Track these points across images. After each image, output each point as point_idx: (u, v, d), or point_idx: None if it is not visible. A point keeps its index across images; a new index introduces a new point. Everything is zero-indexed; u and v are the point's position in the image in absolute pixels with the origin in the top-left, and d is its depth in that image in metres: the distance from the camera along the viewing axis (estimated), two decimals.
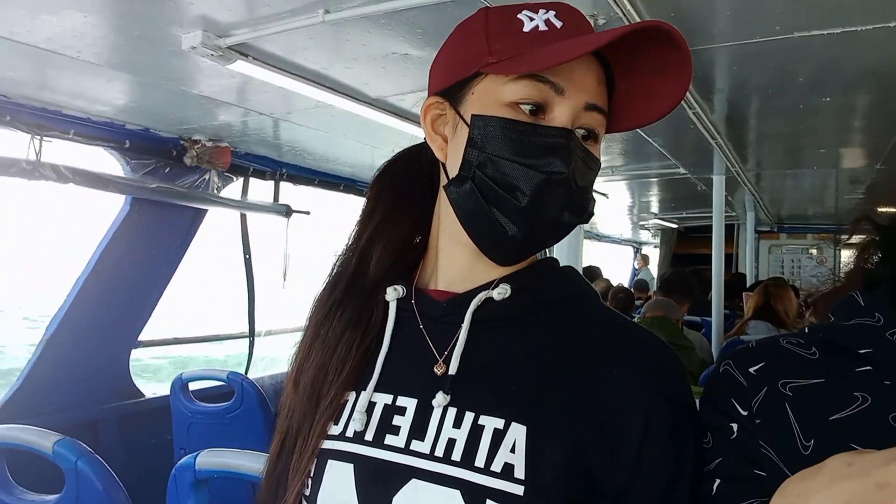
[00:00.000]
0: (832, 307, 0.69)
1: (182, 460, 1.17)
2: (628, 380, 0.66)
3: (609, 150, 3.46)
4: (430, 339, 0.72)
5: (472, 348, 0.69)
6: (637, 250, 10.36)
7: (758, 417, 0.64)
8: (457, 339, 0.69)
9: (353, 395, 0.72)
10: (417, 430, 0.66)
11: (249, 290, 3.69)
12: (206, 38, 1.67)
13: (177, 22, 1.63)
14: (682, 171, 3.91)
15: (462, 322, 0.70)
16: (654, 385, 0.66)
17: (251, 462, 1.14)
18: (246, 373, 3.55)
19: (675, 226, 8.07)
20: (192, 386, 2.79)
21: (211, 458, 1.17)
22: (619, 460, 0.63)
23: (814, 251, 7.44)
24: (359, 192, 4.00)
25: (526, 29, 0.68)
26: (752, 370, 0.67)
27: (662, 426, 0.64)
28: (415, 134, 2.57)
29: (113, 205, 2.79)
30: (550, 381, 0.66)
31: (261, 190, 3.48)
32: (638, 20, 1.56)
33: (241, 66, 1.87)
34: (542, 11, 0.69)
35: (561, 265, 0.78)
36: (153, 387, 3.28)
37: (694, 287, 3.98)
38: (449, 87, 0.72)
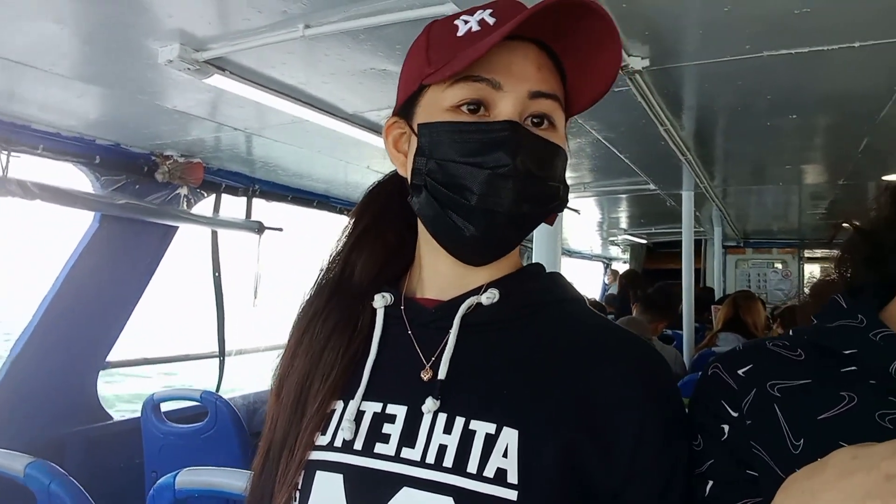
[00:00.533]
0: (815, 311, 0.70)
1: (161, 479, 1.14)
2: (620, 382, 0.66)
3: (579, 167, 3.51)
4: (418, 345, 0.72)
5: (461, 353, 0.69)
6: (607, 266, 10.47)
7: (748, 418, 0.65)
8: (445, 344, 0.69)
9: (340, 405, 0.71)
10: (408, 438, 0.66)
11: (219, 309, 3.63)
12: (184, 51, 1.66)
13: (154, 34, 1.62)
14: (651, 186, 3.98)
15: (451, 327, 0.70)
16: (646, 387, 0.67)
17: (232, 479, 1.12)
18: (216, 392, 3.49)
19: (643, 241, 8.20)
20: (164, 407, 2.73)
21: (191, 477, 1.14)
22: (614, 462, 0.63)
23: (779, 265, 7.63)
24: (332, 209, 3.98)
25: (460, 33, 0.69)
26: (740, 372, 0.68)
27: (656, 427, 0.65)
28: None
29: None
30: (541, 384, 0.66)
31: (233, 206, 3.45)
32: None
33: (218, 81, 1.86)
34: (479, 12, 0.69)
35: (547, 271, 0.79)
36: None
37: (676, 305, 3.99)
38: (402, 104, 0.74)
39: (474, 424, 0.64)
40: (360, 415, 0.69)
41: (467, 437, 0.64)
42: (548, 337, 0.71)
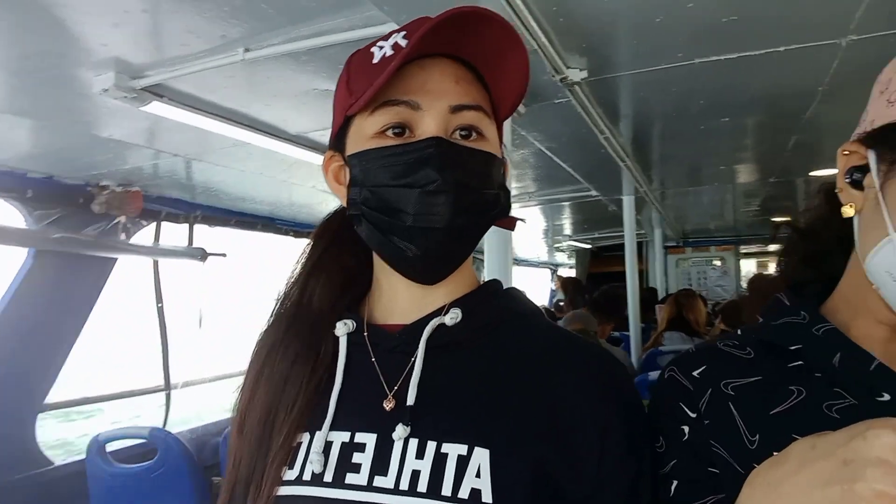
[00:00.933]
0: (762, 309, 0.74)
1: None
2: (581, 391, 0.67)
3: (523, 177, 3.56)
4: (381, 371, 0.71)
5: (428, 376, 0.69)
6: (554, 272, 10.61)
7: (706, 418, 0.67)
8: (411, 368, 0.69)
9: (306, 437, 0.69)
10: (380, 466, 0.65)
11: (163, 341, 3.51)
12: (120, 79, 1.61)
13: (87, 64, 1.57)
14: (593, 193, 4.07)
15: (416, 351, 0.70)
16: (607, 394, 0.68)
17: None
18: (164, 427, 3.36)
19: (588, 246, 8.36)
20: (110, 447, 2.61)
21: None
22: (581, 473, 0.64)
23: (717, 262, 7.90)
24: (278, 231, 3.90)
25: (375, 60, 0.68)
26: (695, 374, 0.71)
27: (619, 433, 0.66)
28: None
29: None
30: (507, 401, 0.67)
31: (175, 234, 3.36)
32: (548, 48, 1.63)
33: (157, 108, 1.82)
34: (393, 36, 0.69)
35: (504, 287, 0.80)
36: None
37: (622, 307, 4.07)
38: (335, 137, 0.74)
39: (446, 447, 0.64)
40: (327, 446, 0.68)
41: (440, 460, 0.63)
42: (510, 352, 0.71)
